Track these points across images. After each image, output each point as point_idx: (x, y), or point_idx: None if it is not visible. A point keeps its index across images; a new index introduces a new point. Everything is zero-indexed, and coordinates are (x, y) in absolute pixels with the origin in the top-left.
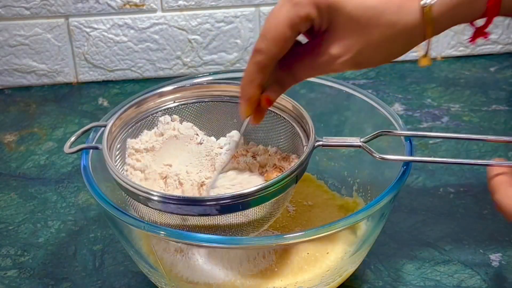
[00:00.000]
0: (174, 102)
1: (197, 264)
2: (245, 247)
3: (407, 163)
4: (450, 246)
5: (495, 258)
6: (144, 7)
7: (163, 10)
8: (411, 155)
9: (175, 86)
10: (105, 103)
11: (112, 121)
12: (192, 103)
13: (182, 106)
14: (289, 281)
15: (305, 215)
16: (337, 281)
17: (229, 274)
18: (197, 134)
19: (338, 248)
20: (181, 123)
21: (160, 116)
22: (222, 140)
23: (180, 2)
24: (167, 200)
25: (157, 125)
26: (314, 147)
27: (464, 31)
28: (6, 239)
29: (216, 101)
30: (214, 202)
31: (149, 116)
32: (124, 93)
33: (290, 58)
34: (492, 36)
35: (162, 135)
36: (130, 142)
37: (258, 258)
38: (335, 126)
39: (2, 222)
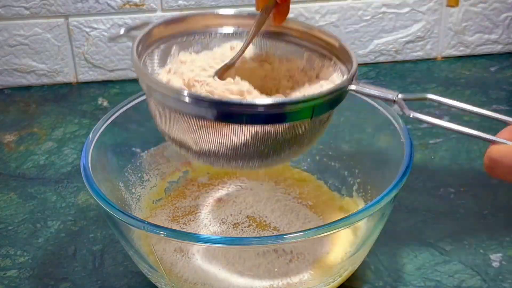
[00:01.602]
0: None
1: (196, 264)
2: (245, 247)
3: (407, 164)
4: (451, 246)
5: (495, 258)
6: (144, 7)
7: (163, 10)
8: (411, 154)
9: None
10: (105, 103)
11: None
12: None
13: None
14: (289, 281)
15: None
16: (337, 281)
17: (228, 274)
18: None
19: (338, 248)
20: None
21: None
22: None
23: (180, 2)
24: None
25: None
26: (350, 82)
27: (464, 31)
28: (6, 239)
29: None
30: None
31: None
32: (124, 93)
33: None
34: (493, 36)
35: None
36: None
37: (258, 258)
38: (335, 126)
39: (2, 222)
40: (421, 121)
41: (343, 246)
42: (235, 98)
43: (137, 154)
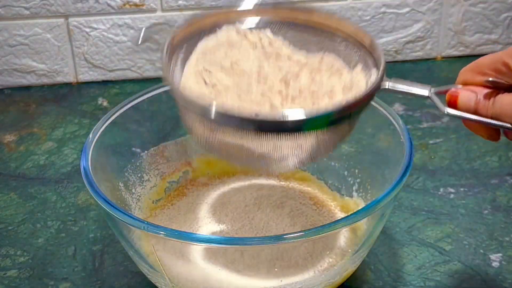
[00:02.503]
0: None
1: (196, 264)
2: (245, 248)
3: (407, 164)
4: (450, 247)
5: (495, 258)
6: (144, 7)
7: (163, 10)
8: (411, 154)
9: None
10: (105, 103)
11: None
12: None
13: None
14: (289, 281)
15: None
16: (337, 281)
17: (228, 274)
18: None
19: (338, 248)
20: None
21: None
22: None
23: (180, 2)
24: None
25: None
26: (379, 87)
27: (464, 31)
28: (6, 239)
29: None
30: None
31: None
32: (124, 93)
33: None
34: (492, 36)
35: None
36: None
37: (258, 258)
38: None
39: (2, 222)
40: (457, 117)
41: (343, 246)
42: (277, 115)
43: (137, 154)
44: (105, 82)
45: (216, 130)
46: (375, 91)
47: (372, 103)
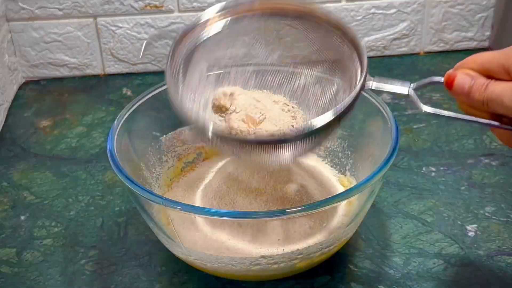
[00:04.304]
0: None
1: (207, 234)
2: (251, 221)
3: (394, 146)
4: (432, 218)
5: (471, 229)
6: (163, 8)
7: (179, 11)
8: (397, 138)
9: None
10: (129, 93)
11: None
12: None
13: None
14: (290, 249)
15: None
16: (333, 248)
17: (236, 242)
18: None
19: (334, 220)
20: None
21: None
22: None
23: (195, 4)
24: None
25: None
26: (363, 87)
27: (444, 29)
28: (42, 212)
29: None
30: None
31: None
32: (146, 84)
33: None
34: (469, 34)
35: None
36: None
37: (263, 230)
38: None
39: (38, 197)
40: (435, 115)
41: (338, 219)
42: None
43: (156, 138)
44: (129, 74)
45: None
46: (360, 92)
47: (363, 93)
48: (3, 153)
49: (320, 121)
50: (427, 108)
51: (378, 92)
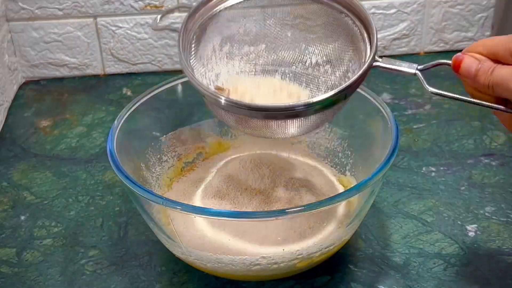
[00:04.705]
0: None
1: (207, 234)
2: (251, 221)
3: (394, 146)
4: (432, 218)
5: (471, 229)
6: (163, 8)
7: (179, 11)
8: (397, 138)
9: None
10: (129, 93)
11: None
12: None
13: None
14: (290, 249)
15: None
16: (333, 248)
17: (236, 243)
18: None
19: (334, 220)
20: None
21: None
22: None
23: (194, 4)
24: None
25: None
26: (371, 66)
27: (444, 29)
28: (42, 212)
29: None
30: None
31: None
32: (146, 84)
33: None
34: (469, 34)
35: None
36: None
37: (263, 230)
38: None
39: (38, 197)
40: (440, 95)
41: (338, 219)
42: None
43: (156, 138)
44: (129, 74)
45: (229, 114)
46: (369, 68)
47: (363, 93)
48: (3, 153)
49: (327, 95)
50: (432, 89)
51: (379, 93)
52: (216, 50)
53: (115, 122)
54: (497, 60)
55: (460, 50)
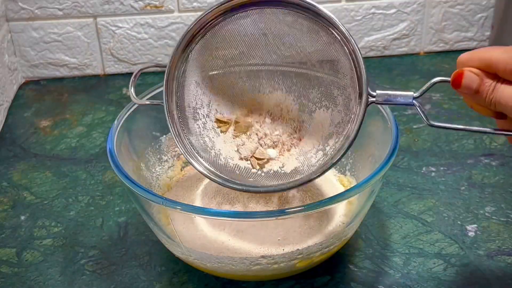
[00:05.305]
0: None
1: (207, 234)
2: (251, 221)
3: (394, 146)
4: (432, 218)
5: (471, 229)
6: (163, 8)
7: (179, 11)
8: (397, 138)
9: None
10: (129, 93)
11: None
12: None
13: None
14: (291, 249)
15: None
16: (333, 248)
17: (236, 242)
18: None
19: (334, 220)
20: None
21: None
22: None
23: (195, 4)
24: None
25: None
26: (367, 105)
27: (444, 29)
28: (42, 212)
29: None
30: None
31: None
32: (145, 84)
33: None
34: (469, 34)
35: None
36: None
37: (263, 230)
38: None
39: (38, 197)
40: (442, 128)
41: (338, 219)
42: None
43: (156, 138)
44: (129, 74)
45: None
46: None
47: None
48: (3, 153)
49: (326, 169)
50: (433, 122)
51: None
52: (198, 85)
53: (115, 122)
54: (495, 74)
55: (460, 50)
